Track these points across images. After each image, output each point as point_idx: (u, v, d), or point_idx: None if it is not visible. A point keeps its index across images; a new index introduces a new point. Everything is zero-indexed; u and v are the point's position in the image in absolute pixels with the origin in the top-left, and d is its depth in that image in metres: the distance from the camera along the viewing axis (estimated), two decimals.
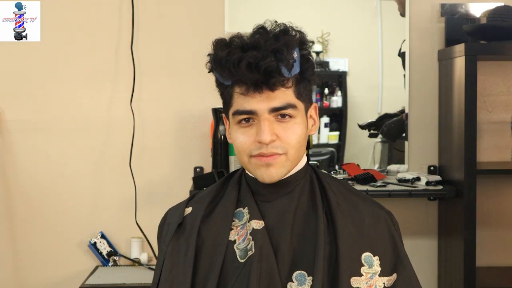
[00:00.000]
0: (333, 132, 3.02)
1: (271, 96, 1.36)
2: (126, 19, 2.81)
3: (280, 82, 1.36)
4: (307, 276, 1.37)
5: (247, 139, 1.40)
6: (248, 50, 1.34)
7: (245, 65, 1.33)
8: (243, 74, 1.34)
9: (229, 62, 1.35)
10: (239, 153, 1.42)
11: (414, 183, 2.67)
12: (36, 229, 2.85)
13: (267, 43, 1.34)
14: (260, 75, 1.33)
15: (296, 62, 1.38)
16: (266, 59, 1.32)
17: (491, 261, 2.84)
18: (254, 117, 1.38)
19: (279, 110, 1.37)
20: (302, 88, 1.41)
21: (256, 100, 1.36)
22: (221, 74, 1.40)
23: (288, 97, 1.38)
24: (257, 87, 1.36)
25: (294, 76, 1.39)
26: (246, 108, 1.37)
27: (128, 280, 2.60)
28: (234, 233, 1.44)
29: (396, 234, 1.45)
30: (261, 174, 1.41)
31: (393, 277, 1.41)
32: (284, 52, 1.34)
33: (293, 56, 1.37)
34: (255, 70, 1.33)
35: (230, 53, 1.35)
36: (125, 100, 2.81)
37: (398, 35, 2.89)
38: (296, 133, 1.40)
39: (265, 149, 1.38)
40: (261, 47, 1.34)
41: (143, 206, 2.84)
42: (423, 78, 2.85)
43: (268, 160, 1.39)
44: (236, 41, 1.37)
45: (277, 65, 1.33)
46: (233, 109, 1.40)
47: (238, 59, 1.34)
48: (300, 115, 1.41)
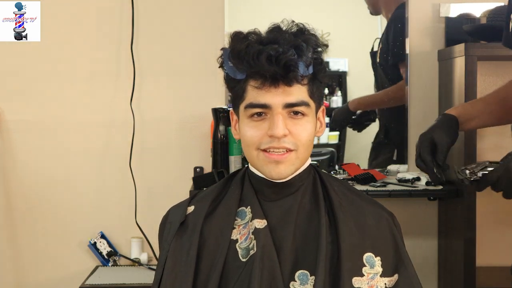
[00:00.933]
0: (333, 132, 3.02)
1: (286, 91, 1.37)
2: (126, 19, 2.81)
3: (298, 77, 1.36)
4: (309, 275, 1.38)
5: (258, 133, 1.40)
6: (266, 44, 1.35)
7: (265, 57, 1.33)
8: (262, 66, 1.34)
9: (248, 54, 1.35)
10: (248, 146, 1.42)
11: (414, 183, 2.66)
12: (36, 229, 2.85)
13: (286, 39, 1.35)
14: (279, 68, 1.34)
15: (311, 63, 1.39)
16: (287, 53, 1.33)
17: (491, 261, 2.84)
18: (267, 111, 1.38)
19: (293, 106, 1.38)
20: (315, 88, 1.42)
21: (272, 94, 1.37)
22: (238, 67, 1.39)
23: (302, 94, 1.39)
24: (274, 81, 1.36)
25: (308, 76, 1.40)
26: (261, 102, 1.38)
27: (128, 280, 2.60)
28: (236, 232, 1.44)
29: (398, 235, 1.45)
30: (269, 170, 1.41)
31: (395, 278, 1.41)
32: (303, 48, 1.35)
33: (309, 55, 1.38)
34: (275, 63, 1.33)
35: (249, 45, 1.36)
36: (125, 100, 2.81)
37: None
38: (307, 130, 1.40)
39: (276, 143, 1.38)
40: (279, 42, 1.35)
41: (143, 206, 2.84)
42: (423, 78, 2.85)
43: (278, 157, 1.39)
44: (253, 36, 1.38)
45: (296, 60, 1.34)
46: (245, 102, 1.40)
47: (258, 51, 1.34)
48: (312, 114, 1.42)
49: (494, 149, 2.83)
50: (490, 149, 2.82)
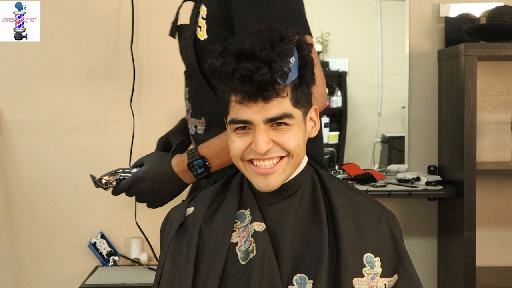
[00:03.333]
0: (333, 132, 3.02)
1: (266, 107, 1.34)
2: (126, 19, 2.81)
3: (275, 93, 1.33)
4: (307, 279, 1.37)
5: (242, 145, 1.38)
6: (242, 59, 1.32)
7: (238, 78, 1.30)
8: (236, 86, 1.32)
9: (223, 73, 1.33)
10: (233, 157, 1.41)
11: (414, 183, 2.67)
12: (36, 229, 2.85)
13: (262, 52, 1.31)
14: (253, 88, 1.31)
15: (293, 68, 1.35)
16: (260, 71, 1.29)
17: (491, 261, 2.84)
18: (250, 125, 1.37)
19: (274, 120, 1.36)
20: (299, 94, 1.38)
21: (252, 110, 1.35)
22: (216, 84, 1.38)
23: (284, 107, 1.35)
24: (252, 98, 1.34)
25: (291, 82, 1.36)
26: (242, 118, 1.36)
27: (128, 280, 2.60)
28: (236, 235, 1.44)
29: (398, 235, 1.45)
30: (257, 183, 1.40)
31: (394, 278, 1.41)
32: (278, 61, 1.31)
33: (289, 64, 1.34)
34: (249, 83, 1.30)
35: (225, 63, 1.33)
36: (125, 100, 2.81)
37: (398, 35, 2.90)
38: (295, 137, 1.38)
39: (261, 156, 1.37)
40: (255, 56, 1.31)
41: (143, 206, 2.82)
42: (423, 78, 2.85)
43: (266, 170, 1.38)
44: (231, 49, 1.34)
45: (271, 77, 1.31)
46: (229, 116, 1.39)
47: (232, 71, 1.31)
48: (297, 123, 1.39)
49: (494, 149, 2.83)
50: (490, 149, 2.83)
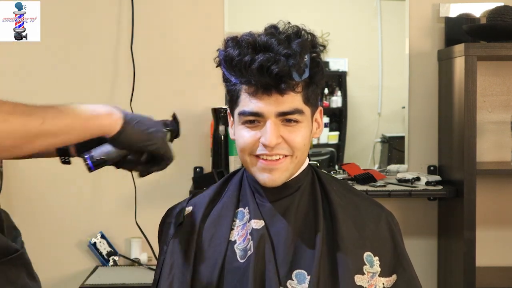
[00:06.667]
0: (333, 132, 3.02)
1: (279, 100, 1.35)
2: (126, 19, 2.81)
3: (291, 87, 1.34)
4: (307, 275, 1.37)
5: (251, 139, 1.38)
6: (260, 51, 1.32)
7: (256, 67, 1.31)
8: (254, 76, 1.32)
9: (240, 63, 1.33)
10: (241, 151, 1.41)
11: (414, 183, 2.67)
12: (36, 229, 2.84)
13: (280, 46, 1.32)
14: (271, 79, 1.31)
15: (307, 67, 1.36)
16: (279, 63, 1.30)
17: (491, 261, 2.84)
18: (260, 119, 1.37)
19: (286, 115, 1.36)
20: (310, 93, 1.39)
21: (264, 102, 1.35)
22: (231, 74, 1.38)
23: (296, 102, 1.37)
24: (266, 90, 1.34)
25: (304, 80, 1.37)
26: (253, 110, 1.36)
27: (128, 280, 2.60)
28: (235, 233, 1.44)
29: (397, 235, 1.45)
30: (263, 178, 1.40)
31: (393, 278, 1.41)
32: (296, 56, 1.32)
33: (305, 60, 1.35)
34: (267, 74, 1.31)
35: (242, 53, 1.33)
36: (125, 100, 2.81)
37: (398, 35, 2.89)
38: (302, 136, 1.39)
39: (269, 150, 1.37)
40: (273, 49, 1.32)
41: (143, 206, 2.84)
42: (423, 78, 2.85)
43: (272, 164, 1.38)
44: (247, 40, 1.35)
45: (289, 70, 1.31)
46: (239, 108, 1.39)
47: (249, 61, 1.32)
48: (307, 120, 1.40)
49: (494, 149, 2.83)
50: (490, 149, 2.83)
